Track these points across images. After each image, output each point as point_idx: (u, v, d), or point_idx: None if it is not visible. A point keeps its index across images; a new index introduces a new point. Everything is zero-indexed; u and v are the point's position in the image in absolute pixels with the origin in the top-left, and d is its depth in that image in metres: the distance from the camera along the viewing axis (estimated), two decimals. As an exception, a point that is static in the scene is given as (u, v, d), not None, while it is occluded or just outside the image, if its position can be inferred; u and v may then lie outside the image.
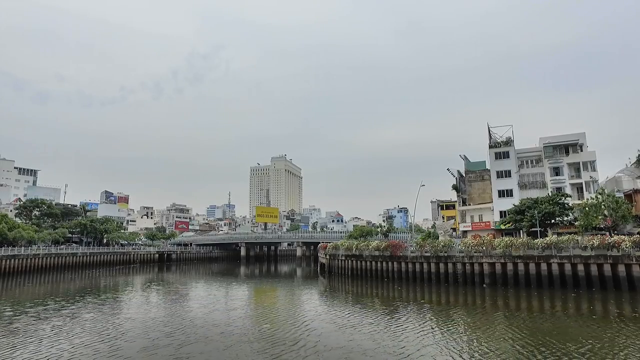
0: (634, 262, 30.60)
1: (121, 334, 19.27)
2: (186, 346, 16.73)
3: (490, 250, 36.47)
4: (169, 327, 20.78)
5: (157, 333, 19.38)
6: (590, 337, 17.54)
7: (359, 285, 40.03)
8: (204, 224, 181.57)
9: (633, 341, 16.91)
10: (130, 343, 17.43)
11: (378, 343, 17.15)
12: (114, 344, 17.44)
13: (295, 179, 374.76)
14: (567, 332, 18.61)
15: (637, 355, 14.79)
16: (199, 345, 16.82)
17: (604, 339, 17.19)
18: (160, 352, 16.00)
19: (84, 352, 15.99)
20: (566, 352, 15.34)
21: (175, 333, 19.31)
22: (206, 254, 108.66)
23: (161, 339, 18.19)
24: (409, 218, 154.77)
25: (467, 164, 69.09)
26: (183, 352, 15.92)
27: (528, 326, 20.23)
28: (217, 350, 16.11)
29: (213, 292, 38.58)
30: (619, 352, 15.25)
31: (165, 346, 16.74)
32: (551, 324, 20.79)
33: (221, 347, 16.70)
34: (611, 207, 42.37)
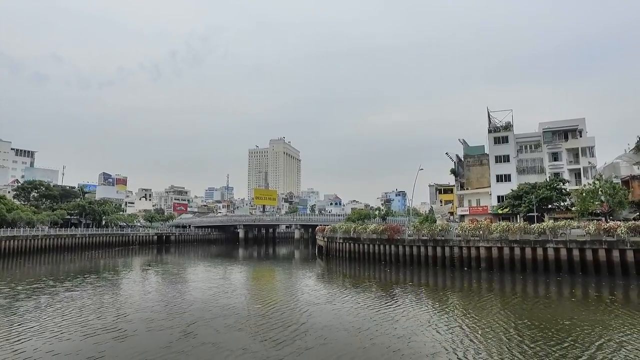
0: (628, 247, 30.97)
1: (121, 314, 19.71)
2: (188, 326, 17.10)
3: (487, 235, 36.85)
4: (169, 307, 21.26)
5: (157, 314, 19.77)
6: (583, 321, 18.00)
7: (356, 268, 40.55)
8: (203, 206, 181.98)
9: (623, 325, 17.37)
10: (130, 324, 17.74)
11: (374, 324, 17.61)
12: (114, 322, 17.87)
13: (293, 162, 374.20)
14: (561, 316, 19.03)
15: (627, 339, 15.26)
16: (202, 325, 17.20)
17: (596, 323, 17.65)
18: (165, 332, 16.39)
19: (84, 331, 16.37)
20: (559, 334, 15.79)
21: (175, 314, 19.70)
22: (205, 235, 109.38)
23: (165, 319, 18.59)
24: (407, 202, 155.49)
25: (466, 149, 69.11)
26: (185, 332, 16.31)
27: (522, 310, 20.72)
28: (216, 331, 16.50)
29: (212, 273, 39.02)
30: (610, 335, 15.71)
31: (168, 328, 17.06)
32: (545, 308, 21.25)
33: (221, 327, 17.10)
34: (608, 193, 42.73)
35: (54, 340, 15.18)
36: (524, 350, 14.02)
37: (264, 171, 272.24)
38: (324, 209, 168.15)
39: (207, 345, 14.50)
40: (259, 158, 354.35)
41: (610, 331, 16.43)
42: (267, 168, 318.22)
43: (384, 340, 15.20)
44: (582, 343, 14.78)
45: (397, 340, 15.28)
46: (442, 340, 15.17)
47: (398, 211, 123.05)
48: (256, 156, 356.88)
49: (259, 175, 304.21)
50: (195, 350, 13.98)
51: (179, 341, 15.09)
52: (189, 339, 15.35)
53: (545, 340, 15.06)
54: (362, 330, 16.61)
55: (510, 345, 14.67)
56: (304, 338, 15.50)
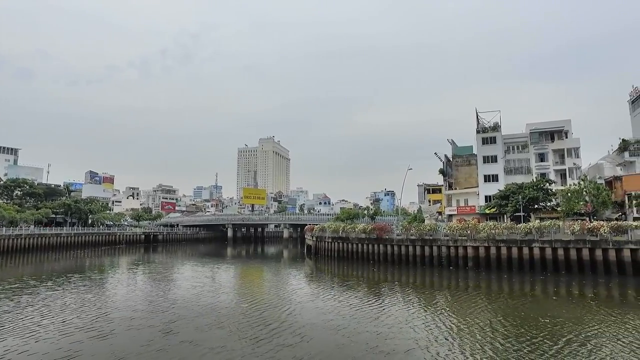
0: (610, 247, 31.49)
1: (103, 313, 19.35)
2: (169, 325, 16.84)
3: (475, 234, 37.07)
4: (152, 306, 20.95)
5: (139, 313, 19.47)
6: (564, 318, 18.20)
7: (345, 267, 40.49)
8: (191, 205, 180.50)
9: (602, 322, 17.65)
10: (110, 323, 17.40)
11: (355, 322, 17.64)
12: (94, 321, 17.53)
13: (283, 161, 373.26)
14: (543, 314, 19.22)
15: (605, 334, 15.56)
16: (183, 324, 16.94)
17: (577, 320, 17.94)
18: (145, 330, 16.13)
19: (62, 330, 16.03)
20: (543, 332, 15.93)
21: (159, 312, 19.43)
22: (193, 235, 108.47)
23: (146, 318, 18.30)
24: (395, 201, 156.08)
25: (455, 149, 69.54)
26: (165, 330, 16.07)
27: (507, 308, 20.92)
28: (196, 330, 16.29)
29: (198, 272, 38.60)
30: (589, 331, 15.98)
31: (149, 326, 16.79)
32: (529, 306, 21.49)
33: (202, 326, 16.88)
34: (592, 194, 43.33)
35: (30, 340, 14.83)
36: (503, 346, 14.19)
37: (253, 170, 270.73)
38: (313, 209, 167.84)
39: (185, 344, 14.34)
40: (248, 157, 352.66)
41: (590, 327, 16.70)
42: (256, 167, 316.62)
43: (363, 338, 15.20)
44: (561, 339, 14.95)
45: (377, 337, 15.31)
46: (420, 338, 15.23)
47: (387, 211, 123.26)
48: (245, 155, 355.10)
49: (248, 174, 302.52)
50: (173, 349, 13.83)
51: (158, 339, 14.89)
52: (168, 337, 15.17)
53: (525, 337, 15.24)
54: (342, 328, 16.61)
55: (489, 341, 14.79)
56: (283, 336, 15.45)
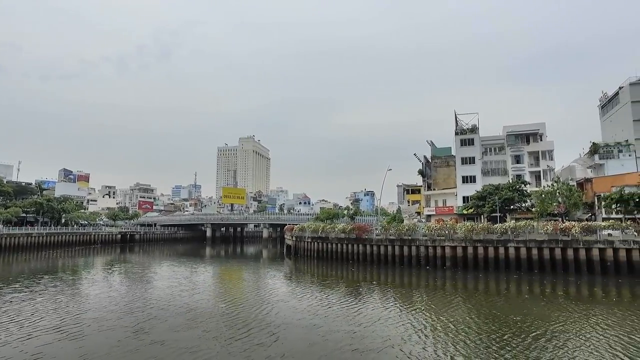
0: (580, 246, 32.49)
1: (72, 314, 18.77)
2: (141, 325, 16.47)
3: (453, 235, 37.60)
4: (125, 307, 20.44)
5: (110, 313, 18.95)
6: (535, 315, 18.71)
7: (324, 267, 40.46)
8: (169, 204, 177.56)
9: (568, 318, 18.26)
10: (80, 324, 16.87)
11: (331, 321, 17.66)
12: (62, 323, 16.99)
13: (263, 160, 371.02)
14: (516, 311, 19.68)
15: (571, 330, 16.23)
16: (156, 324, 16.59)
17: (546, 317, 18.45)
18: (116, 331, 15.73)
19: (27, 333, 15.46)
20: (513, 329, 16.33)
21: (132, 313, 18.97)
22: (171, 234, 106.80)
23: (118, 318, 17.80)
24: (375, 201, 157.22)
25: (434, 150, 70.45)
26: (136, 330, 15.71)
27: (482, 306, 21.29)
28: (169, 330, 15.98)
29: (175, 272, 37.93)
30: (557, 327, 16.54)
31: (121, 327, 16.33)
32: (504, 304, 21.99)
33: (175, 326, 16.57)
34: (565, 195, 44.57)
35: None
36: (473, 343, 14.48)
37: (232, 169, 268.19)
38: (293, 208, 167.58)
39: (157, 344, 14.04)
40: (228, 156, 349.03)
41: (557, 324, 17.24)
42: (236, 166, 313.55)
43: (336, 337, 15.21)
44: (529, 336, 15.36)
45: (350, 336, 15.33)
46: (393, 336, 15.33)
47: (366, 211, 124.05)
48: (225, 154, 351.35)
49: (227, 173, 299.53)
50: (144, 349, 13.53)
51: (129, 340, 14.54)
52: (140, 338, 14.82)
53: (495, 334, 15.62)
54: (317, 327, 16.59)
55: (461, 339, 15.02)
56: (258, 335, 15.31)
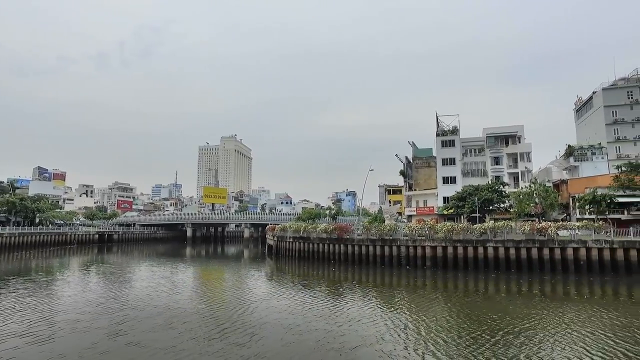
0: (556, 246, 33.34)
1: (44, 317, 18.19)
2: (117, 326, 16.06)
3: (433, 235, 37.99)
4: (100, 308, 19.92)
5: (85, 315, 18.45)
6: (511, 314, 19.12)
7: (305, 267, 40.40)
8: (149, 203, 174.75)
9: (543, 316, 18.74)
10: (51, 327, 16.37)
11: (309, 321, 17.66)
12: (32, 326, 16.42)
13: (245, 160, 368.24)
14: (493, 310, 20.01)
15: (543, 327, 16.67)
16: (132, 325, 16.21)
17: (522, 315, 18.88)
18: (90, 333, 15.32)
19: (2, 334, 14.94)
20: (493, 326, 16.63)
21: (108, 314, 18.51)
22: (151, 234, 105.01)
23: (92, 320, 17.32)
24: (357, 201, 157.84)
25: (415, 151, 71.12)
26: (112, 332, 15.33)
27: (459, 305, 21.59)
28: (146, 331, 15.70)
29: (154, 273, 37.26)
30: (531, 325, 16.96)
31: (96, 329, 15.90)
32: (481, 302, 22.35)
33: (153, 327, 16.27)
34: (541, 196, 45.57)
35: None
36: (445, 341, 14.73)
37: (214, 169, 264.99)
38: (275, 208, 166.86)
39: (132, 345, 13.75)
40: (210, 155, 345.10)
41: (530, 321, 17.71)
42: (217, 166, 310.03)
43: (313, 336, 15.21)
44: (499, 333, 15.75)
45: (327, 335, 15.35)
46: (369, 335, 15.41)
47: (348, 211, 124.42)
48: (206, 153, 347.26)
49: (209, 172, 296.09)
50: (119, 350, 13.23)
51: (104, 342, 14.17)
52: (114, 339, 14.48)
53: (468, 332, 15.90)
54: (294, 327, 16.54)
55: (434, 337, 15.24)
56: (235, 335, 15.18)
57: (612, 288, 27.19)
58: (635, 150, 58.01)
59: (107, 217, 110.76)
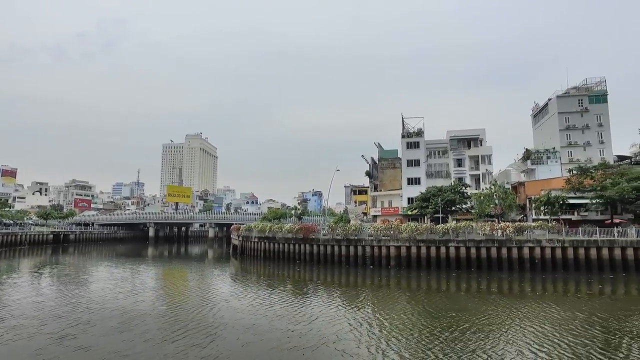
0: (513, 245, 34.71)
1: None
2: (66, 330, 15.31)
3: (397, 235, 38.58)
4: (48, 312, 18.91)
5: (31, 320, 17.41)
6: (469, 311, 19.75)
7: (270, 267, 40.08)
8: (109, 202, 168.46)
9: (498, 312, 19.49)
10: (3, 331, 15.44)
11: (270, 321, 17.51)
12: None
13: (210, 159, 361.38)
14: (453, 308, 20.56)
15: (498, 323, 17.41)
16: (84, 329, 15.49)
17: (479, 312, 19.55)
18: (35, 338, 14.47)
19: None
20: (450, 323, 17.11)
21: (57, 318, 17.60)
22: (110, 234, 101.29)
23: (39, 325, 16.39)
24: (323, 202, 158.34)
25: (381, 152, 72.11)
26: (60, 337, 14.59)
27: (423, 303, 22.02)
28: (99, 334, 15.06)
29: (113, 274, 35.80)
30: (488, 321, 17.63)
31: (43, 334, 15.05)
32: (441, 301, 22.94)
33: (105, 330, 15.62)
34: (501, 197, 47.30)
35: None
36: (405, 338, 15.04)
37: (178, 167, 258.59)
38: (240, 208, 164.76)
39: (82, 350, 13.10)
40: (174, 153, 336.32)
41: (486, 317, 18.45)
42: (181, 164, 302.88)
43: (273, 336, 15.09)
44: (457, 329, 16.22)
45: (287, 335, 15.28)
46: (330, 334, 15.43)
47: (314, 211, 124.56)
48: (171, 151, 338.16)
49: (173, 171, 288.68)
50: (65, 356, 12.58)
51: (51, 347, 13.39)
52: (62, 344, 13.73)
53: (428, 329, 16.33)
54: (254, 327, 16.36)
55: (394, 335, 15.49)
56: (193, 336, 14.83)
57: (562, 285, 28.69)
58: (585, 155, 61.32)
59: (63, 217, 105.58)
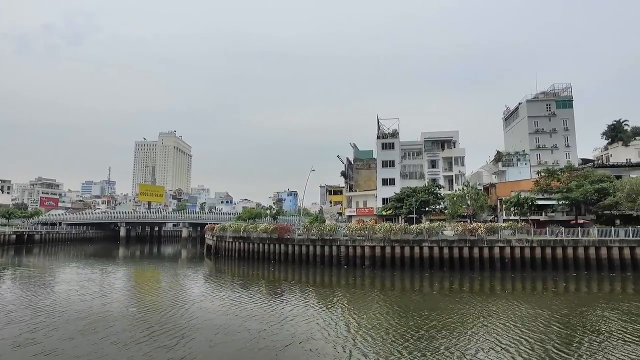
0: (485, 245, 35.52)
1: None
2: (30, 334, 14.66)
3: (372, 235, 38.85)
4: (14, 316, 18.00)
5: None
6: (440, 310, 20.11)
7: (244, 267, 39.68)
8: (78, 201, 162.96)
9: (469, 310, 19.92)
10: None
11: (241, 321, 17.35)
12: None
13: (184, 157, 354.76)
14: (424, 307, 20.88)
15: (470, 321, 17.78)
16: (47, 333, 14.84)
17: (449, 310, 19.94)
18: None
19: None
20: (421, 322, 17.35)
21: (22, 321, 16.80)
22: (79, 234, 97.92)
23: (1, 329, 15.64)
24: (298, 202, 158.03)
25: (356, 152, 72.51)
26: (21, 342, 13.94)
27: (395, 303, 22.24)
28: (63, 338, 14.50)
29: (81, 276, 34.60)
30: (459, 318, 18.00)
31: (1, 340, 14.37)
32: (415, 300, 23.24)
33: (70, 333, 15.09)
34: (473, 198, 48.37)
35: None
36: (373, 337, 15.15)
37: (151, 166, 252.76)
38: (215, 207, 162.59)
39: (41, 355, 12.55)
40: (147, 151, 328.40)
41: (457, 315, 18.84)
42: (155, 162, 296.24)
43: (243, 336, 14.95)
44: (431, 327, 16.51)
45: (257, 335, 15.14)
46: (301, 333, 15.41)
47: (289, 211, 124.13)
48: (144, 149, 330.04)
49: (146, 169, 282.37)
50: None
51: (6, 355, 12.79)
52: (21, 350, 13.14)
53: (400, 327, 16.50)
54: (226, 327, 16.16)
55: (362, 334, 15.61)
56: (162, 338, 14.52)
57: (530, 283, 29.57)
58: (552, 157, 63.44)
59: (27, 216, 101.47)
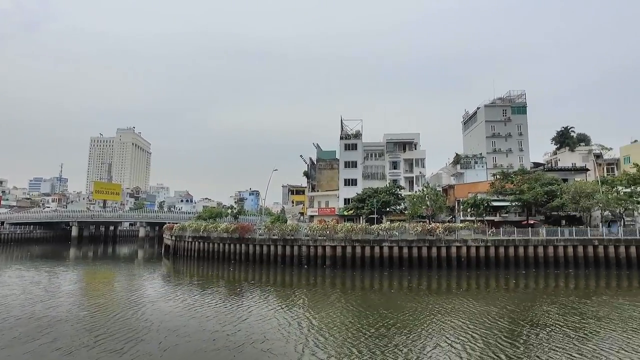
0: (443, 245, 36.55)
1: None
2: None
3: (333, 235, 39.02)
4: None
5: None
6: (396, 307, 20.56)
7: (204, 268, 38.86)
8: (25, 199, 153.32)
9: (425, 308, 20.53)
10: None
11: (201, 323, 17.01)
12: None
13: (143, 155, 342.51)
14: (385, 305, 21.21)
15: (424, 318, 18.38)
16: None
17: (406, 308, 20.43)
18: None
19: None
20: (377, 319, 17.63)
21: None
22: (25, 234, 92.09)
23: None
24: (260, 201, 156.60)
25: (319, 153, 72.67)
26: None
27: (354, 301, 22.45)
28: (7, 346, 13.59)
29: (25, 278, 32.43)
30: (416, 316, 18.56)
31: None
32: (374, 298, 23.59)
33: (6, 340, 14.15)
34: (432, 199, 49.65)
35: None
36: (330, 335, 15.34)
37: (107, 162, 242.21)
38: (174, 206, 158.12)
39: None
40: (103, 148, 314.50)
41: (412, 313, 19.45)
42: (112, 159, 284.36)
43: (200, 337, 14.68)
44: (386, 324, 16.81)
45: (215, 336, 14.93)
46: (258, 333, 15.32)
47: (251, 210, 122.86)
48: (100, 145, 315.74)
49: (102, 166, 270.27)
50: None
51: None
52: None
53: (357, 325, 16.74)
54: (182, 329, 15.77)
55: (317, 332, 15.79)
56: (112, 341, 13.97)
57: (484, 281, 30.71)
58: (507, 161, 66.20)
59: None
